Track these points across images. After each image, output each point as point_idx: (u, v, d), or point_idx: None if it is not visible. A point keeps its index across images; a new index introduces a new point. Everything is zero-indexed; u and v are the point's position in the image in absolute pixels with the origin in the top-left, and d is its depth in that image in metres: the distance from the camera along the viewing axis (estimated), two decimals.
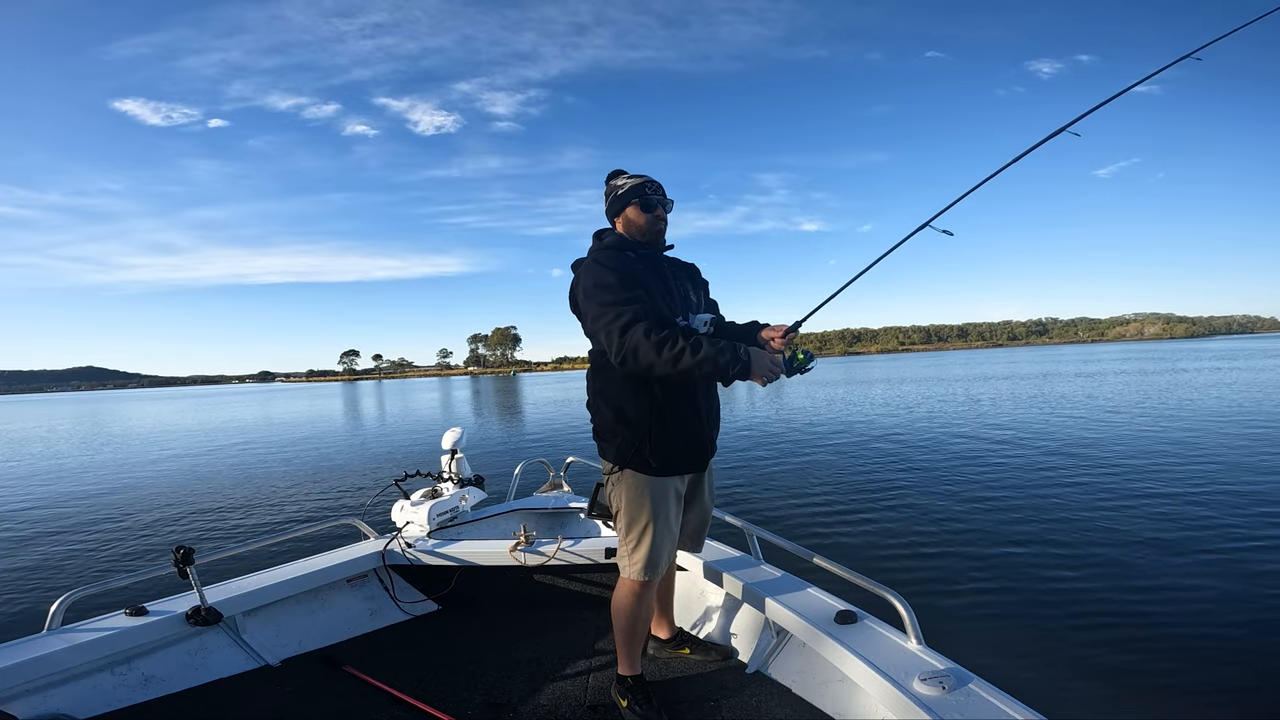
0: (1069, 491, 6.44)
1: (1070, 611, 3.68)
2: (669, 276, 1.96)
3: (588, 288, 1.82)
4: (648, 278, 1.87)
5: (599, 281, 1.80)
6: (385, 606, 2.74)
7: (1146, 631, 3.39)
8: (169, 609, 2.19)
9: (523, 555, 2.62)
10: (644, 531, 1.88)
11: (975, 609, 3.79)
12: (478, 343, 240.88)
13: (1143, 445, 8.83)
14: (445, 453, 3.25)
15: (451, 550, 2.69)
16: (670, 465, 1.87)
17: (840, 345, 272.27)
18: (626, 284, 1.79)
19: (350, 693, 2.15)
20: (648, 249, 1.96)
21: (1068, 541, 4.86)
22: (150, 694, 2.06)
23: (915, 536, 5.20)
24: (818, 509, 6.31)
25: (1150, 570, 4.22)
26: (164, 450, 15.80)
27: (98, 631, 2.02)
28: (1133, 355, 45.47)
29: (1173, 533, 4.93)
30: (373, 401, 38.34)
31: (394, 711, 2.03)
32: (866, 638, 1.80)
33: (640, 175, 2.00)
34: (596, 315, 1.79)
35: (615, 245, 1.94)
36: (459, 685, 2.17)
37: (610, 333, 1.73)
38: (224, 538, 6.57)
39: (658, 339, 1.67)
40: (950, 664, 1.63)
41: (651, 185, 1.97)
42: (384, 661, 2.35)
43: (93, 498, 9.31)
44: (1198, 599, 3.76)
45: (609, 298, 1.76)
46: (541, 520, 3.32)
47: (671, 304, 1.90)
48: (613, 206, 2.02)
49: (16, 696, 1.83)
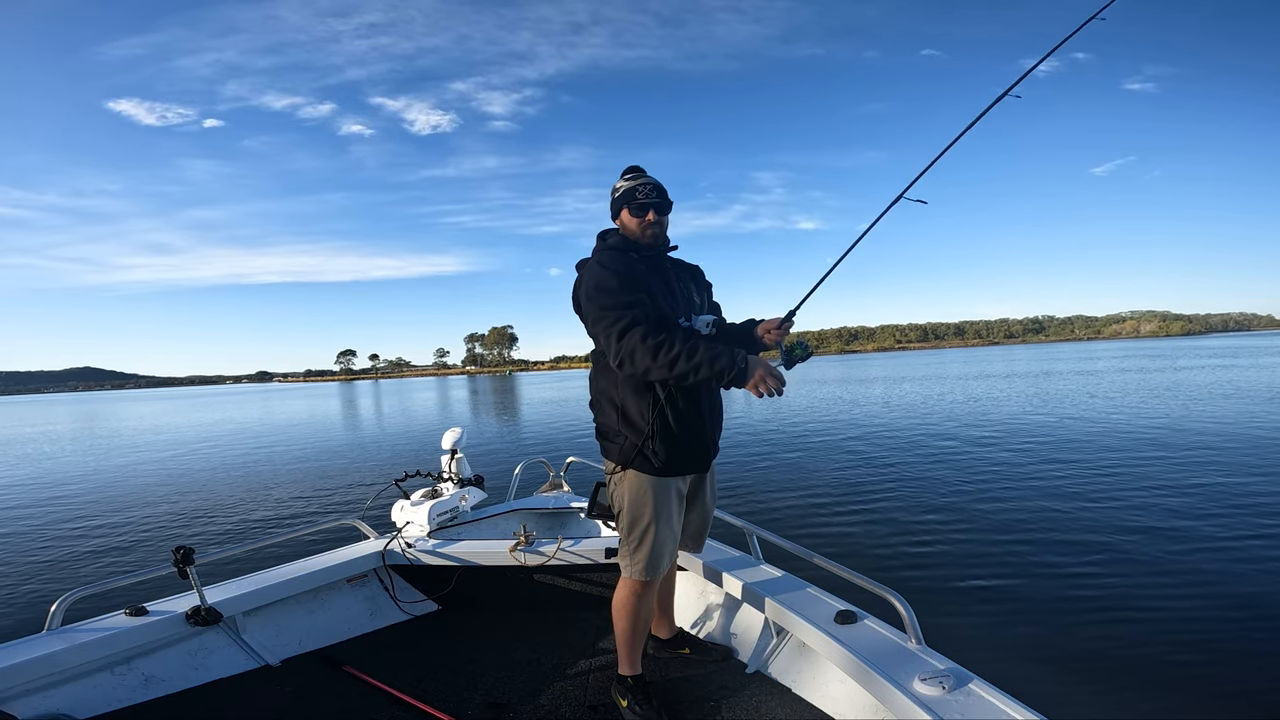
0: (1069, 491, 6.45)
1: (1071, 611, 3.69)
2: (672, 278, 1.96)
3: (589, 289, 1.82)
4: (650, 279, 1.87)
5: (600, 284, 1.80)
6: (385, 606, 2.74)
7: (1147, 631, 3.40)
8: (169, 609, 2.19)
9: (523, 555, 2.62)
10: (646, 531, 1.88)
11: (975, 609, 3.79)
12: (474, 342, 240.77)
13: (1144, 445, 8.84)
14: (445, 453, 3.25)
15: (451, 550, 2.69)
16: (673, 465, 1.88)
17: (837, 343, 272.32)
18: (627, 286, 1.79)
19: (350, 693, 2.15)
20: (650, 250, 1.96)
21: (1068, 541, 4.87)
22: (150, 694, 2.06)
23: (915, 536, 5.21)
24: (818, 509, 6.31)
25: (1151, 570, 4.22)
26: (164, 450, 15.77)
27: (98, 631, 2.02)
28: (1130, 354, 45.52)
29: (1174, 532, 4.94)
30: (370, 401, 38.30)
31: (394, 711, 2.03)
32: (866, 638, 1.81)
33: (637, 176, 1.99)
34: (597, 317, 1.80)
35: (618, 246, 1.94)
36: (459, 685, 2.18)
37: (609, 336, 1.74)
38: (224, 538, 6.57)
39: (654, 343, 1.68)
40: (950, 664, 1.63)
41: (643, 188, 1.93)
42: (384, 661, 2.35)
43: (93, 498, 9.30)
44: (1199, 599, 3.76)
45: (609, 300, 1.77)
46: (541, 520, 3.32)
47: (674, 305, 1.91)
48: (612, 210, 2.03)
49: (16, 696, 1.83)
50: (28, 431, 26.08)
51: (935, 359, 66.28)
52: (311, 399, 46.74)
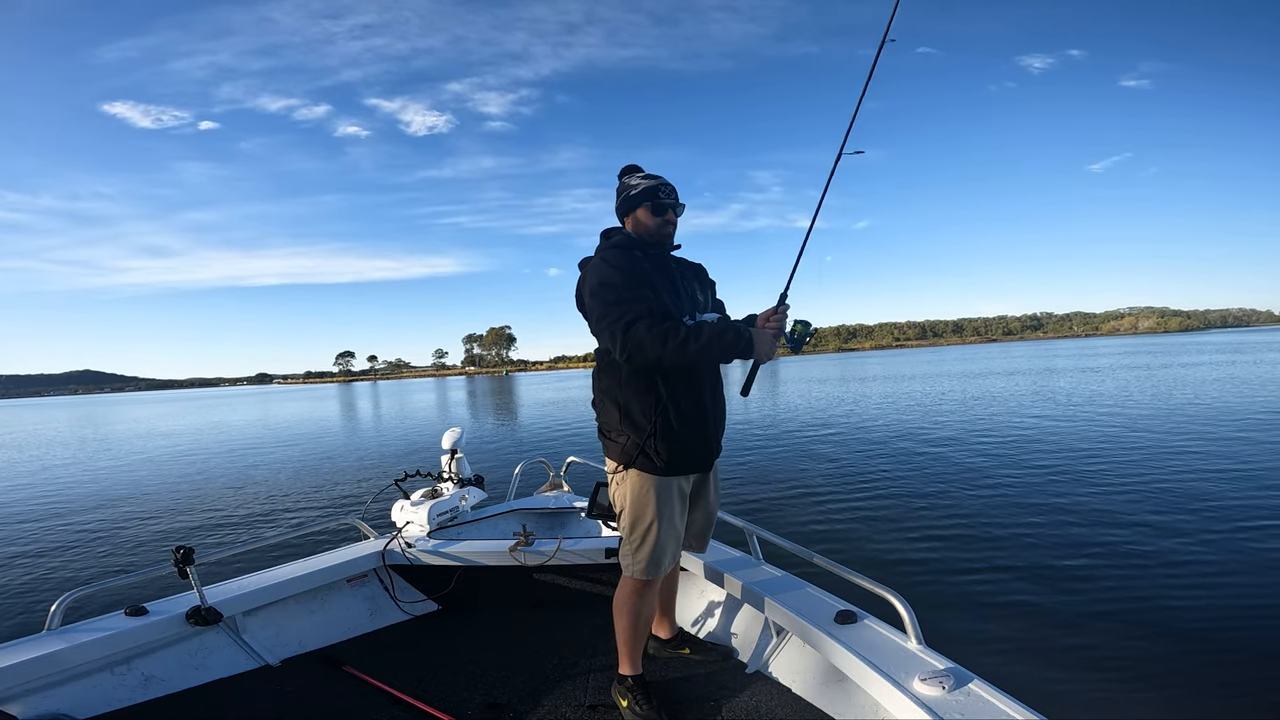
0: (1069, 491, 6.45)
1: (1071, 611, 3.69)
2: (676, 276, 1.97)
3: (594, 286, 1.83)
4: (654, 277, 1.87)
5: (604, 280, 1.81)
6: (385, 606, 2.75)
7: (1148, 631, 3.40)
8: (169, 609, 2.19)
9: (523, 555, 2.62)
10: (648, 531, 1.88)
11: (975, 609, 3.79)
12: (473, 343, 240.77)
13: (1144, 445, 8.83)
14: (445, 453, 3.25)
15: (451, 550, 2.69)
16: (676, 465, 1.88)
17: (835, 341, 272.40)
18: (632, 283, 1.80)
19: (350, 693, 2.15)
20: (655, 248, 1.97)
21: (1069, 541, 4.87)
22: (150, 694, 2.06)
23: (915, 536, 5.21)
24: (818, 509, 6.32)
25: (1152, 570, 4.22)
26: (164, 451, 15.77)
27: (98, 631, 2.02)
28: (1131, 350, 45.47)
29: (1175, 532, 4.93)
30: (368, 403, 38.28)
31: (394, 711, 2.03)
32: (866, 637, 1.81)
33: (655, 176, 2.00)
34: (601, 313, 1.80)
35: (623, 244, 1.94)
36: (459, 685, 2.18)
37: (614, 330, 1.75)
38: (224, 538, 6.57)
39: (660, 331, 1.70)
40: (950, 664, 1.63)
41: (665, 189, 1.97)
42: (384, 661, 2.35)
43: (93, 498, 9.30)
44: (1199, 599, 3.76)
45: (613, 296, 1.78)
46: (541, 520, 3.32)
47: (678, 303, 1.91)
48: (623, 206, 2.01)
49: (16, 696, 1.83)
50: (27, 434, 26.07)
51: (934, 357, 66.27)
52: (311, 401, 46.73)
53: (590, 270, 1.89)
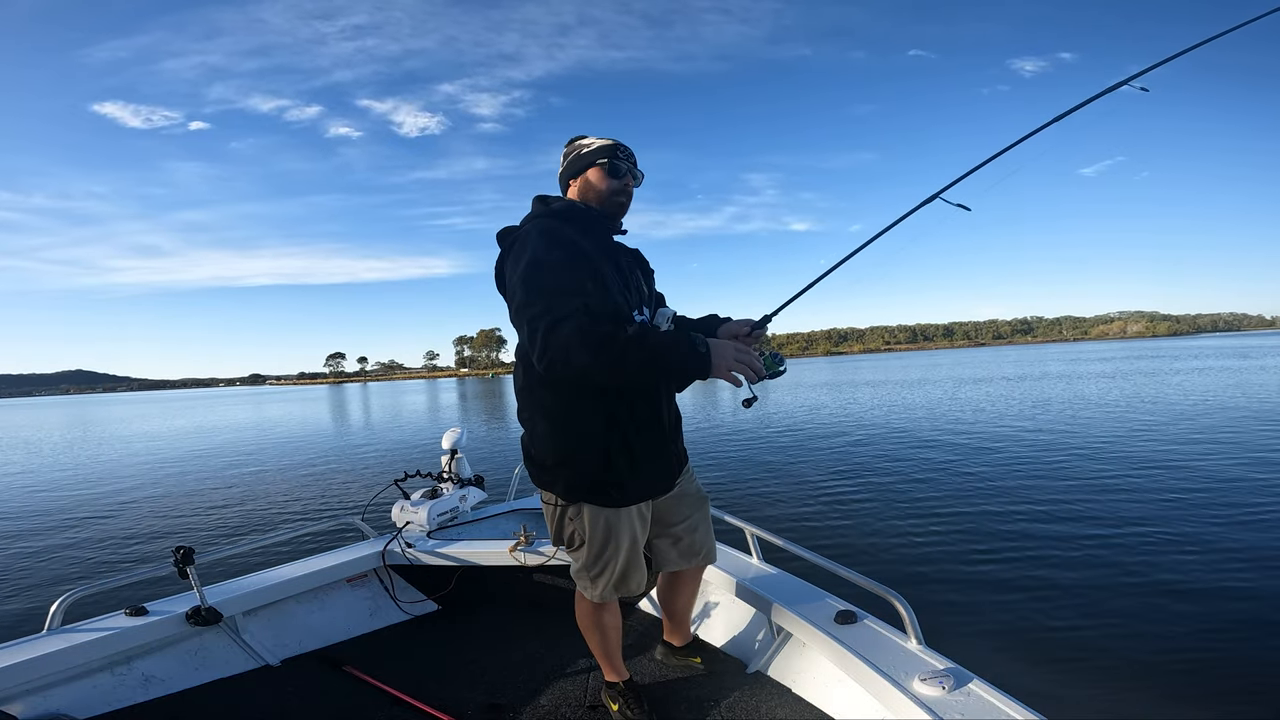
0: (1069, 491, 6.49)
1: (1071, 612, 3.71)
2: (623, 262, 1.65)
3: (527, 264, 1.44)
4: (600, 263, 1.52)
5: (537, 258, 1.43)
6: (385, 606, 2.74)
7: (1148, 632, 3.42)
8: (169, 609, 2.19)
9: (523, 555, 2.62)
10: (610, 561, 1.69)
11: (975, 609, 3.81)
12: (463, 345, 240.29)
13: (1144, 445, 8.89)
14: (445, 453, 3.25)
15: (451, 550, 2.69)
16: (637, 494, 1.66)
17: (825, 345, 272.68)
18: (572, 266, 1.44)
19: (350, 693, 2.15)
20: (601, 225, 1.65)
21: (1069, 542, 4.90)
22: (150, 694, 2.06)
23: (915, 536, 5.23)
24: (818, 509, 6.34)
25: (1152, 570, 4.25)
26: (163, 451, 15.67)
27: (98, 631, 2.02)
28: (1123, 355, 45.64)
29: (1176, 533, 4.97)
30: (358, 405, 38.08)
31: (394, 711, 2.03)
32: (866, 638, 1.81)
33: (614, 141, 1.69)
34: (526, 301, 1.41)
35: (564, 213, 1.60)
36: (459, 685, 2.18)
37: (536, 327, 1.36)
38: (224, 538, 6.55)
39: (596, 338, 1.32)
40: (950, 664, 1.64)
41: (623, 150, 1.66)
42: (384, 661, 2.35)
43: (92, 498, 9.25)
44: (1199, 599, 3.79)
45: (548, 281, 1.40)
46: (541, 520, 3.32)
47: (628, 296, 1.60)
48: (572, 166, 1.69)
49: (16, 696, 1.83)
50: (26, 434, 25.85)
51: (926, 361, 66.40)
52: (303, 403, 46.45)
53: (520, 242, 1.52)
